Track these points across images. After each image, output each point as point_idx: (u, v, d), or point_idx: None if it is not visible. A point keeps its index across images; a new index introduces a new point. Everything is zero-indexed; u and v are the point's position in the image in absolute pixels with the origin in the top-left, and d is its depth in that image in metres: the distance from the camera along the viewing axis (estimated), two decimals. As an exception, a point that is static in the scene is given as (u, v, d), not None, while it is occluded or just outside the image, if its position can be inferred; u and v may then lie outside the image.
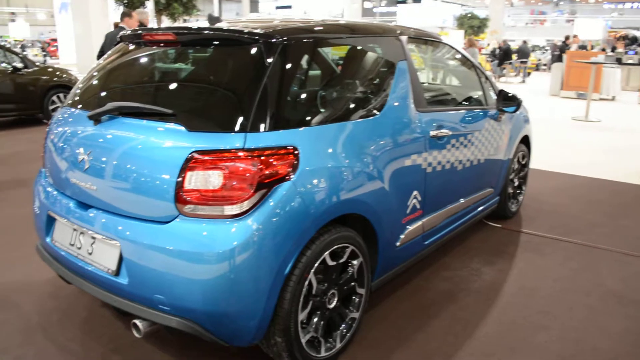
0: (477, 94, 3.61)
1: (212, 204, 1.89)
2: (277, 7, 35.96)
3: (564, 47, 16.52)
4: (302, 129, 2.09)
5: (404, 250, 2.73)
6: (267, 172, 1.91)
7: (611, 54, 15.51)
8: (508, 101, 3.63)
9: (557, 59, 15.80)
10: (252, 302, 1.94)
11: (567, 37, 18.28)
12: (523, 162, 4.34)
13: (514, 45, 21.74)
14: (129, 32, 2.56)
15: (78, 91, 2.57)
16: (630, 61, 14.69)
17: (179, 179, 1.91)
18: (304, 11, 39.92)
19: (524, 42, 20.55)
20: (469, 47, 14.59)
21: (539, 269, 3.42)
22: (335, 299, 2.28)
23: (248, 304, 1.94)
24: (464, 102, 3.52)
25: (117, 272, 2.05)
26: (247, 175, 1.88)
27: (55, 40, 27.35)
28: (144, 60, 2.56)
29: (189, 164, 1.90)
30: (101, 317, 2.74)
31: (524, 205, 4.62)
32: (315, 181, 2.05)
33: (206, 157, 1.89)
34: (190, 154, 1.90)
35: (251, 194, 1.88)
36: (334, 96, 2.43)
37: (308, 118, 2.16)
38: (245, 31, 2.15)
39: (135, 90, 2.43)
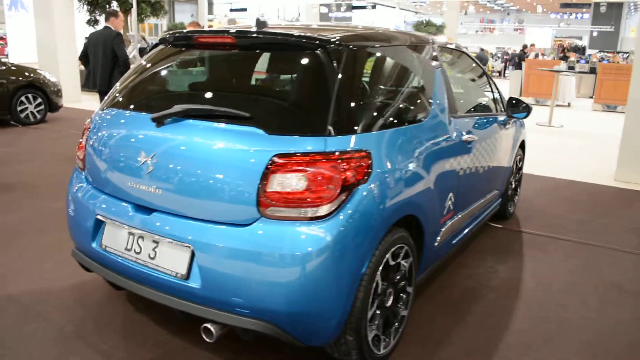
0: (490, 100, 3.79)
1: (295, 206, 1.93)
2: (232, 10, 35.70)
3: (522, 55, 17.27)
4: (372, 132, 2.16)
5: (439, 250, 2.85)
6: (349, 175, 1.97)
7: (564, 63, 16.36)
8: (516, 108, 3.82)
9: (517, 66, 16.49)
10: (334, 302, 2.00)
11: (525, 46, 19.11)
12: (519, 165, 4.58)
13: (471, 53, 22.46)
14: (176, 34, 2.55)
15: (123, 93, 2.55)
16: (582, 70, 15.55)
17: (262, 182, 1.94)
18: (261, 14, 39.87)
19: (481, 49, 21.30)
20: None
21: (547, 266, 3.63)
22: (391, 297, 2.36)
23: (330, 304, 1.99)
24: (481, 108, 3.69)
25: (187, 276, 2.05)
26: (332, 178, 1.93)
27: (3, 38, 26.08)
28: (199, 62, 2.56)
29: (272, 167, 1.94)
30: (138, 322, 2.71)
31: (516, 207, 4.85)
32: (385, 184, 2.14)
33: (290, 160, 1.93)
34: (273, 157, 1.94)
35: (335, 197, 1.93)
36: (392, 101, 2.51)
37: (375, 122, 2.24)
38: (312, 37, 2.20)
39: (198, 92, 2.43)
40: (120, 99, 2.53)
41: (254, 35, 2.30)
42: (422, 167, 2.45)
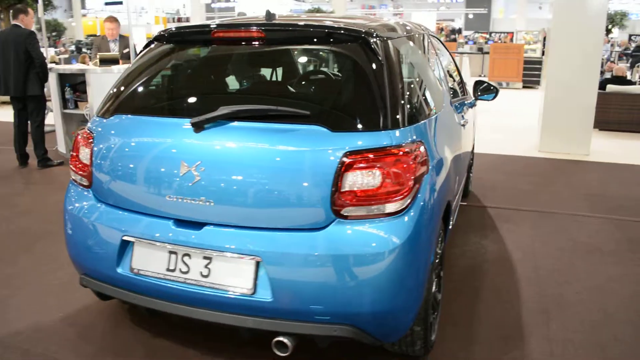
0: (458, 83, 3.93)
1: (371, 203, 1.87)
2: (107, 3, 33.58)
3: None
4: (421, 122, 2.15)
5: (451, 232, 2.93)
6: (418, 166, 1.95)
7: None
8: (484, 90, 4.01)
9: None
10: (413, 295, 1.99)
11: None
12: (474, 144, 4.83)
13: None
14: (182, 29, 2.32)
15: (130, 96, 2.29)
16: (472, 50, 16.70)
17: (335, 182, 1.86)
18: (142, 7, 37.73)
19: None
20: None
21: (523, 236, 3.89)
22: (434, 282, 2.39)
23: (410, 298, 1.98)
24: (457, 92, 3.82)
25: (254, 290, 1.91)
26: (406, 171, 1.90)
27: None
28: (216, 60, 2.35)
29: (345, 165, 1.86)
30: (160, 349, 2.48)
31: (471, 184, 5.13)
32: (436, 172, 2.15)
33: (363, 157, 1.87)
34: (344, 154, 1.86)
35: (409, 190, 1.90)
36: (423, 90, 2.51)
37: (420, 112, 2.23)
38: (353, 28, 2.13)
39: (233, 93, 2.24)
40: (131, 104, 2.27)
41: (288, 28, 2.17)
42: (447, 153, 2.49)
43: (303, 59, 2.45)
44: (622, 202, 4.69)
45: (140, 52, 2.46)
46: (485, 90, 4.00)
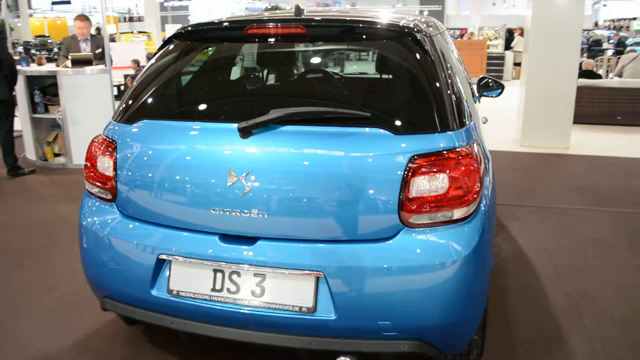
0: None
1: (441, 210, 1.76)
2: (54, 3, 32.20)
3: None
4: (472, 122, 2.05)
5: None
6: (481, 168, 1.85)
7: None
8: (488, 87, 3.96)
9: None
10: (480, 304, 1.90)
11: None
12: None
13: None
14: (206, 25, 2.13)
15: (155, 100, 2.10)
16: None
17: (402, 188, 1.73)
18: (93, 6, 36.38)
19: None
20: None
21: (532, 232, 3.88)
22: None
23: (477, 307, 1.89)
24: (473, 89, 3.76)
25: (315, 308, 1.76)
26: (473, 174, 1.79)
27: None
28: (258, 58, 2.18)
29: (412, 170, 1.73)
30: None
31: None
32: (488, 173, 2.05)
33: (431, 161, 1.75)
34: (411, 158, 1.74)
35: (476, 194, 1.80)
36: (463, 88, 2.40)
37: (469, 111, 2.12)
38: (398, 24, 2.00)
39: (277, 94, 2.06)
40: (159, 108, 2.08)
41: (332, 24, 2.02)
42: (487, 152, 2.41)
43: (349, 57, 2.30)
44: (613, 194, 4.77)
45: (158, 51, 2.25)
46: (487, 86, 3.95)
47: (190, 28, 2.19)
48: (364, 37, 2.09)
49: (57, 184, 5.28)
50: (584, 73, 8.46)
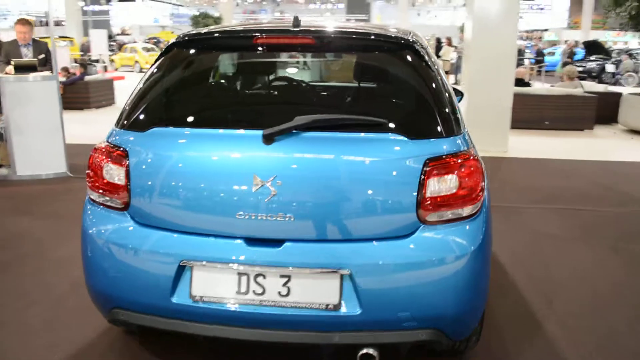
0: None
1: (452, 208, 1.91)
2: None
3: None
4: (466, 128, 2.22)
5: None
6: (484, 169, 2.02)
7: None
8: None
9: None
10: (485, 293, 2.07)
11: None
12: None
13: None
14: (216, 33, 2.16)
15: (173, 108, 2.11)
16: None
17: (420, 189, 1.87)
18: (7, 9, 34.20)
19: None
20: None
21: (510, 232, 4.08)
22: None
23: (483, 296, 2.06)
24: None
25: (340, 305, 1.86)
26: (479, 174, 1.96)
27: None
28: (269, 66, 2.23)
29: (427, 172, 1.88)
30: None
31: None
32: None
33: (442, 163, 1.90)
34: (425, 162, 1.88)
35: (482, 192, 1.97)
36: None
37: (461, 117, 2.29)
38: (398, 36, 2.14)
39: (295, 101, 2.11)
40: (172, 115, 2.09)
41: (340, 35, 2.13)
42: None
43: (356, 66, 2.41)
44: (554, 193, 5.20)
45: (159, 58, 2.25)
46: None
47: (194, 36, 2.22)
48: (367, 48, 2.21)
49: (2, 197, 4.99)
50: (516, 81, 9.08)
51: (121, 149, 2.03)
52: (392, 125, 1.95)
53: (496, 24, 6.72)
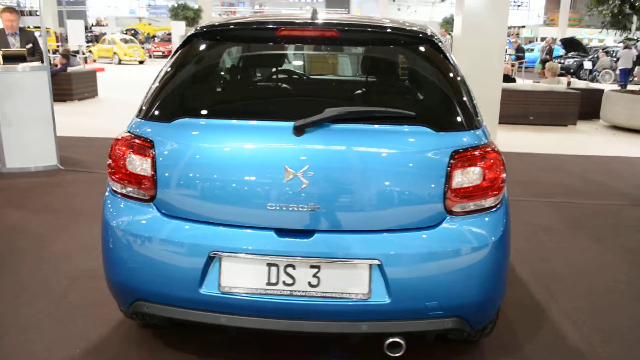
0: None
1: (477, 199, 1.96)
2: None
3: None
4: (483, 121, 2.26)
5: None
6: (504, 162, 2.07)
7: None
8: None
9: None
10: (505, 282, 2.12)
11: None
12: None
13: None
14: (241, 24, 2.15)
15: (200, 99, 2.10)
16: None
17: (447, 180, 1.91)
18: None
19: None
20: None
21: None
22: None
23: (503, 285, 2.11)
24: None
25: (369, 294, 1.89)
26: (501, 167, 2.01)
27: None
28: (293, 58, 2.23)
29: (454, 164, 1.92)
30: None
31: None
32: None
33: (468, 155, 1.94)
34: (451, 154, 1.92)
35: (502, 183, 2.02)
36: None
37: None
38: (419, 30, 2.18)
39: (323, 93, 2.12)
40: (200, 106, 2.08)
41: (362, 29, 2.14)
42: None
43: (379, 60, 2.43)
44: (547, 186, 5.32)
45: (180, 48, 2.23)
46: None
47: (214, 27, 2.21)
48: (393, 42, 2.24)
49: (-7, 190, 4.88)
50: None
51: (147, 139, 2.01)
52: (419, 117, 1.99)
53: (485, 18, 6.80)
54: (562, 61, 20.34)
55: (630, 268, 3.50)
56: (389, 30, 2.21)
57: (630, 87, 14.75)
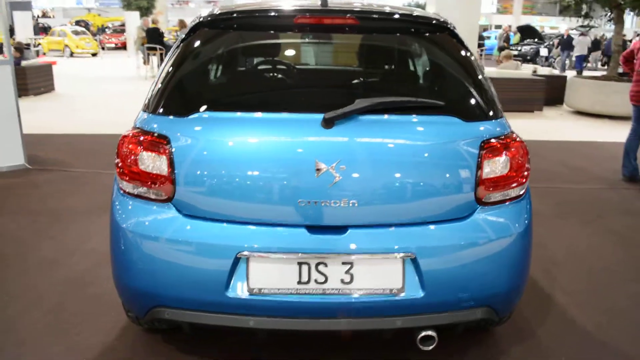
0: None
1: (505, 188, 1.95)
2: None
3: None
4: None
5: None
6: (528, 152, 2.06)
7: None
8: None
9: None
10: (528, 270, 2.11)
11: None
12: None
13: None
14: (256, 12, 2.06)
15: (218, 92, 2.00)
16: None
17: (477, 170, 1.88)
18: None
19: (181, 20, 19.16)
20: (181, 29, 14.76)
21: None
22: None
23: (527, 273, 2.10)
24: None
25: (403, 289, 1.85)
26: (525, 156, 2.01)
27: None
28: (311, 47, 2.13)
29: (484, 154, 1.89)
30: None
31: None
32: None
33: (497, 145, 1.92)
34: (481, 144, 1.90)
35: (527, 171, 2.01)
36: None
37: None
38: (439, 18, 2.14)
39: (349, 83, 2.03)
40: (219, 99, 1.99)
41: (381, 17, 2.08)
42: None
43: (399, 49, 2.36)
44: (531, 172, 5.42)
45: (186, 37, 2.10)
46: None
47: (226, 15, 2.09)
48: (412, 31, 2.19)
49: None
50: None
51: (161, 135, 1.89)
52: (448, 107, 1.95)
53: (459, 2, 6.89)
54: (519, 48, 20.85)
55: (617, 249, 3.60)
56: (408, 18, 2.16)
57: (585, 72, 15.26)
